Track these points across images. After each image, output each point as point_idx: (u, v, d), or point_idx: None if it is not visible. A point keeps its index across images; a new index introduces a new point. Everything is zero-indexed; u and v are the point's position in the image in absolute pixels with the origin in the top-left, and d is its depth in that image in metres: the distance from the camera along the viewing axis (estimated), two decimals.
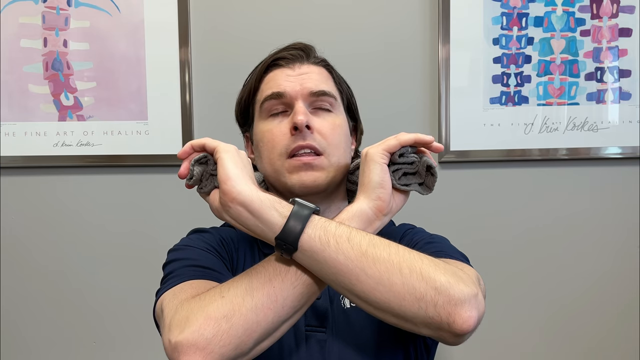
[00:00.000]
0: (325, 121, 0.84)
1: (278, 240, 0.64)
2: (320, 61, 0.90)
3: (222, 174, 0.65)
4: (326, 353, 0.78)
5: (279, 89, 0.84)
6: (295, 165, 0.80)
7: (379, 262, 0.62)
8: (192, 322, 0.61)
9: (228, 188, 0.64)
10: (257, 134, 0.86)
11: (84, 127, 1.37)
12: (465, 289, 0.62)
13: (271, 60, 0.88)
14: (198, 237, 0.84)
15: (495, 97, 1.36)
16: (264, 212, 0.64)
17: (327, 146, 0.82)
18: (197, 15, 1.37)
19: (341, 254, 0.63)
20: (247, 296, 0.63)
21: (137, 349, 1.39)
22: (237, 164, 0.67)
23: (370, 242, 0.64)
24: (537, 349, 1.39)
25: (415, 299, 0.61)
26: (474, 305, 0.61)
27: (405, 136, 0.73)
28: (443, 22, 1.34)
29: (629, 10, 1.35)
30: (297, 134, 0.81)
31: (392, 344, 0.81)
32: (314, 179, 0.81)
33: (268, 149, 0.83)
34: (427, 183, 0.75)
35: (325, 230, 0.64)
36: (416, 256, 0.64)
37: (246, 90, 0.90)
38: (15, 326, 1.40)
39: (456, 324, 0.60)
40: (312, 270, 0.65)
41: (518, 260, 1.39)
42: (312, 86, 0.84)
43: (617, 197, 1.38)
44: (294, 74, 0.85)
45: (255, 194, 0.65)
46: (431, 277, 0.62)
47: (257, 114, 0.87)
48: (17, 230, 1.40)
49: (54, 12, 1.36)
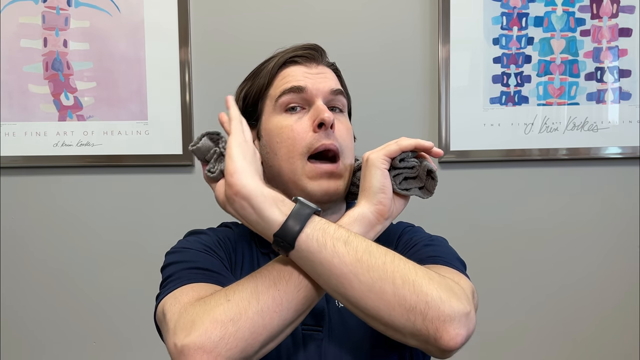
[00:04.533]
0: (341, 122, 0.85)
1: (276, 237, 0.64)
2: (331, 64, 0.91)
3: (230, 165, 0.65)
4: (322, 352, 0.78)
5: (300, 83, 0.83)
6: (317, 172, 0.80)
7: (372, 269, 0.62)
8: (199, 325, 0.60)
9: (234, 181, 0.64)
10: (272, 129, 0.84)
11: (84, 127, 1.37)
12: (457, 306, 0.61)
13: (288, 57, 0.87)
14: (195, 239, 0.84)
15: (495, 97, 1.36)
16: (266, 208, 0.64)
17: (344, 148, 0.83)
18: (197, 15, 1.37)
19: (336, 257, 0.63)
20: (252, 299, 0.63)
21: (137, 349, 1.39)
22: (246, 156, 0.67)
23: (366, 249, 0.64)
24: (537, 348, 1.39)
25: (405, 310, 0.61)
26: (464, 324, 0.61)
27: (405, 141, 0.73)
28: (443, 22, 1.34)
29: (629, 10, 1.35)
30: (321, 131, 0.80)
31: (386, 342, 0.81)
32: (336, 187, 0.81)
33: (287, 145, 0.82)
34: (428, 187, 0.75)
35: (324, 231, 0.64)
36: (411, 267, 0.64)
37: (257, 85, 0.88)
38: (15, 326, 1.40)
39: (443, 339, 0.60)
40: (307, 270, 0.66)
41: (518, 260, 1.39)
42: (332, 84, 0.85)
43: (617, 197, 1.38)
44: (312, 73, 0.85)
45: (260, 190, 0.65)
46: (423, 291, 0.61)
47: (270, 109, 0.86)
48: (17, 230, 1.40)
49: (54, 12, 1.36)
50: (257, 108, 0.89)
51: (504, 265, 1.38)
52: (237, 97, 0.93)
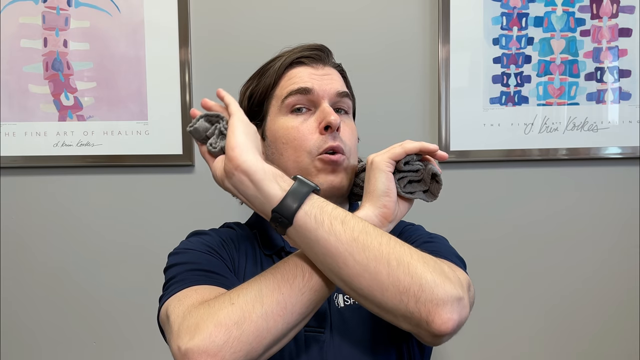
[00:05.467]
0: (346, 124, 0.86)
1: (275, 212, 0.65)
2: (337, 65, 0.91)
3: (232, 140, 0.66)
4: (325, 353, 0.78)
5: (306, 84, 0.84)
6: (326, 162, 0.81)
7: (368, 249, 0.63)
8: (203, 328, 0.61)
9: (235, 155, 0.65)
10: (278, 130, 0.85)
11: (84, 127, 1.37)
12: (450, 290, 0.61)
13: (295, 58, 0.87)
14: (198, 240, 0.84)
15: (495, 97, 1.36)
16: (266, 183, 0.65)
17: (350, 149, 0.84)
18: (197, 15, 1.36)
19: (333, 235, 0.63)
20: (256, 303, 0.63)
21: (137, 349, 1.40)
22: (247, 134, 0.68)
23: (363, 229, 0.64)
24: (537, 348, 1.40)
25: (398, 292, 0.61)
26: (456, 309, 0.61)
27: (410, 144, 0.74)
28: (443, 23, 1.34)
29: (629, 10, 1.35)
30: (327, 133, 0.81)
31: (385, 342, 0.81)
32: (340, 180, 0.82)
33: (294, 146, 0.83)
34: (432, 190, 0.76)
35: (322, 209, 0.65)
36: (407, 250, 0.64)
37: (263, 85, 0.89)
38: (15, 326, 1.40)
39: (435, 323, 0.60)
40: (303, 248, 0.66)
41: (518, 260, 1.39)
42: (339, 86, 0.85)
43: (617, 197, 1.38)
44: (318, 74, 0.86)
45: (260, 165, 0.65)
46: (417, 273, 0.62)
47: (276, 109, 0.87)
48: (17, 230, 1.40)
49: (54, 12, 1.35)
50: (262, 108, 0.89)
51: (504, 265, 1.39)
52: (242, 96, 0.93)
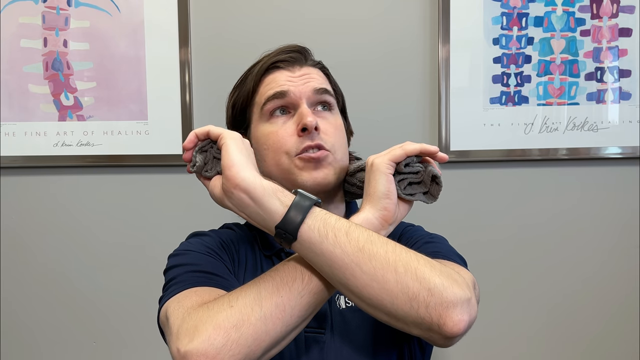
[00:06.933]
0: (328, 122, 0.85)
1: (278, 229, 0.64)
2: (317, 63, 0.91)
3: (227, 160, 0.66)
4: (325, 354, 0.78)
5: (282, 88, 0.84)
6: (305, 160, 0.81)
7: (374, 258, 0.63)
8: (202, 331, 0.61)
9: (232, 174, 0.65)
10: (259, 137, 0.86)
11: (84, 127, 1.37)
12: (459, 292, 0.62)
13: (270, 63, 0.88)
14: (198, 241, 0.84)
15: (495, 97, 1.36)
16: (266, 200, 0.64)
17: (333, 145, 0.84)
18: (197, 15, 1.36)
19: (338, 248, 0.63)
20: (255, 306, 0.63)
21: (137, 349, 1.40)
22: (241, 151, 0.67)
23: (368, 239, 0.64)
24: (537, 348, 1.40)
25: (408, 298, 0.61)
26: (466, 309, 0.61)
27: (411, 146, 0.74)
28: (443, 23, 1.34)
29: (629, 10, 1.35)
30: (305, 135, 0.81)
31: (386, 343, 0.81)
32: (324, 176, 0.82)
33: (274, 150, 0.83)
34: (432, 192, 0.76)
35: (325, 222, 0.65)
36: (413, 256, 0.64)
37: (243, 93, 0.89)
38: (15, 326, 1.40)
39: (446, 326, 0.60)
40: (309, 261, 0.66)
41: (518, 260, 1.39)
42: (316, 84, 0.85)
43: (617, 197, 1.38)
44: (295, 76, 0.85)
45: (259, 182, 0.65)
46: (425, 278, 0.62)
47: (257, 117, 0.87)
48: (17, 230, 1.40)
49: (54, 12, 1.35)
50: (245, 116, 0.90)
51: (504, 265, 1.39)
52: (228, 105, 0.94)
